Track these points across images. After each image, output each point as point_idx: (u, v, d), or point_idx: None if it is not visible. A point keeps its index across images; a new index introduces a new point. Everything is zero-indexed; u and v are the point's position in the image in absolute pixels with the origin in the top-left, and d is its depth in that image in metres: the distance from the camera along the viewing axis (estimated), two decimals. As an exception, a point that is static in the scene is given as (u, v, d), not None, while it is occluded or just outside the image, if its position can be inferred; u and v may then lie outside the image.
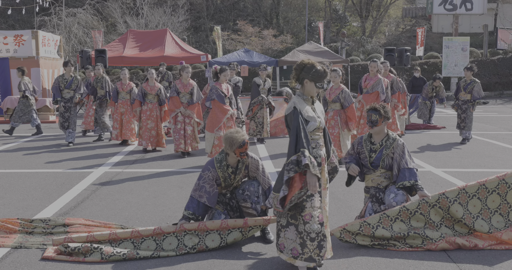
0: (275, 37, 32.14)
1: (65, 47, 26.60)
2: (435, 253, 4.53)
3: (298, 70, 4.08)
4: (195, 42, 35.08)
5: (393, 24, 42.19)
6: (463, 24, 35.85)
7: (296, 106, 3.97)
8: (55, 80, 11.11)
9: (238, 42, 31.80)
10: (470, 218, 4.73)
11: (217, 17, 39.53)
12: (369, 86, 9.86)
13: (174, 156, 9.60)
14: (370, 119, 5.01)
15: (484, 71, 26.06)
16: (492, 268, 4.19)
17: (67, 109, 10.89)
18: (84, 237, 4.55)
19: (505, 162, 8.88)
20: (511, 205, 4.74)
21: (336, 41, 34.55)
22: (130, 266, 4.26)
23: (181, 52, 19.46)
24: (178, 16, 33.08)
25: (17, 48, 18.21)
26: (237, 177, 4.88)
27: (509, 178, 4.73)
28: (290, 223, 4.02)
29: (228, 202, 5.03)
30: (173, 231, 4.62)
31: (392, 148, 5.00)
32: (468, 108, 10.93)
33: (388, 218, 4.77)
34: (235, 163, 4.83)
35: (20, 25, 35.52)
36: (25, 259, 4.40)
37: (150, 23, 32.05)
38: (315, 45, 22.17)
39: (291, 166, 3.85)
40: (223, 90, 8.72)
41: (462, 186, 4.83)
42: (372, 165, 5.08)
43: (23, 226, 5.09)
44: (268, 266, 4.26)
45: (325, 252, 3.95)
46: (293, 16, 40.66)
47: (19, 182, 7.50)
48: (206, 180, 4.73)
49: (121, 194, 6.72)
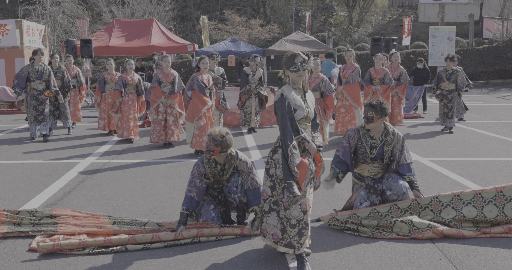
0: (262, 26, 32.02)
1: (50, 37, 26.27)
2: (421, 241, 4.57)
3: (283, 65, 4.16)
4: (182, 32, 34.86)
5: (379, 13, 42.25)
6: (449, 14, 35.99)
7: (283, 93, 4.00)
8: (23, 69, 10.14)
9: (225, 31, 31.64)
10: (461, 219, 4.77)
11: (204, 6, 39.24)
12: (348, 76, 9.96)
13: (160, 147, 9.56)
14: (366, 115, 4.95)
15: (470, 60, 26.24)
16: (477, 254, 4.25)
17: (40, 101, 10.08)
18: (76, 244, 4.38)
19: (490, 151, 8.97)
20: (509, 219, 4.68)
21: (323, 31, 34.50)
22: (118, 258, 4.26)
23: (167, 41, 19.32)
24: (164, 5, 32.79)
25: (1, 38, 18.00)
26: (225, 176, 4.90)
27: (507, 191, 4.69)
28: (272, 209, 4.06)
29: (217, 195, 5.04)
30: (171, 239, 4.53)
31: (393, 144, 5.00)
32: (454, 97, 11.01)
33: (378, 213, 4.82)
34: (223, 161, 4.84)
35: (4, 14, 34.98)
36: (12, 251, 4.38)
37: (136, 13, 31.74)
38: (302, 35, 22.14)
39: (294, 151, 3.87)
40: (204, 81, 8.70)
41: (457, 193, 4.84)
42: (372, 159, 5.09)
43: (10, 217, 5.05)
44: (256, 255, 4.28)
45: (305, 240, 3.97)
46: (280, 6, 40.51)
47: (5, 173, 7.43)
48: (196, 175, 4.79)
49: (108, 185, 6.69)
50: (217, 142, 4.60)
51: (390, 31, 35.65)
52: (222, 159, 4.81)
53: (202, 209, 4.99)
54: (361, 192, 5.11)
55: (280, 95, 4.01)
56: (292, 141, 3.89)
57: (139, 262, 4.16)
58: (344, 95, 9.96)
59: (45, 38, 20.40)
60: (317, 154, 4.13)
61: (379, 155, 5.05)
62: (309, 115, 4.11)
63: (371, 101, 4.97)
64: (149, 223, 4.91)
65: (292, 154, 3.86)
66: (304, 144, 3.96)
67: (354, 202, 5.14)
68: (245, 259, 4.21)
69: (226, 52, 19.53)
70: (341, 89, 10.05)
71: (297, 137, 3.93)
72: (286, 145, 3.89)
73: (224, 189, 5.01)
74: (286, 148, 3.89)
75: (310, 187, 4.12)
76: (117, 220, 4.98)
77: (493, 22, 30.79)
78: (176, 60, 26.26)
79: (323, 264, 4.11)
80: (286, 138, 3.90)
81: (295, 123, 3.95)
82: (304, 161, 3.94)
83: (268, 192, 4.08)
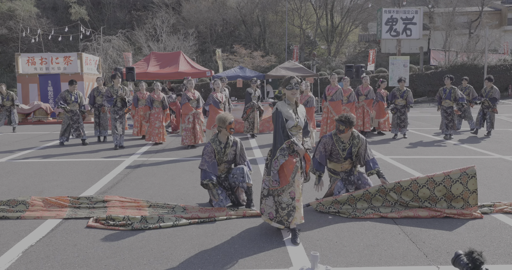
0: (262, 57, 32.05)
1: (102, 66, 26.35)
2: (385, 220, 4.55)
3: (280, 86, 4.14)
4: (202, 61, 34.91)
5: (351, 46, 42.23)
6: (404, 46, 35.94)
7: (278, 108, 4.00)
8: (106, 90, 9.40)
9: (235, 61, 31.67)
10: (418, 201, 4.73)
11: (219, 42, 39.34)
12: (332, 94, 9.97)
13: (186, 148, 9.55)
14: (338, 128, 4.89)
15: (420, 82, 26.18)
16: (427, 230, 4.22)
17: (120, 116, 9.38)
18: (121, 218, 4.41)
19: (436, 151, 8.93)
20: (455, 195, 4.62)
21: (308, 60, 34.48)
22: (154, 232, 4.24)
23: (191, 69, 19.33)
24: (189, 41, 32.92)
25: (66, 66, 18.09)
26: (226, 150, 4.94)
27: (454, 174, 4.63)
28: (269, 194, 4.06)
29: (221, 182, 5.05)
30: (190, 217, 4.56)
31: (359, 145, 4.98)
32: (405, 111, 10.90)
33: (354, 198, 4.80)
34: (225, 139, 4.96)
35: (68, 49, 35.17)
36: (74, 227, 4.37)
37: (167, 47, 31.84)
38: (293, 63, 22.08)
39: (282, 152, 3.87)
40: (218, 98, 8.87)
41: (414, 178, 4.78)
42: (344, 158, 5.06)
43: (72, 202, 5.05)
44: (258, 230, 4.26)
45: (292, 219, 3.95)
46: (276, 41, 40.56)
47: (68, 168, 7.43)
48: (206, 153, 4.89)
49: (146, 177, 6.68)
50: None
51: (359, 60, 35.61)
52: (223, 137, 4.96)
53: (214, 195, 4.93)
54: (338, 183, 5.08)
55: (275, 109, 4.02)
56: (281, 144, 3.90)
57: (169, 235, 4.15)
58: (329, 110, 9.99)
59: (99, 67, 20.45)
60: (306, 154, 4.14)
61: (349, 155, 5.03)
62: (299, 124, 4.09)
63: (340, 117, 4.88)
64: (177, 206, 4.89)
65: (280, 154, 3.88)
66: (293, 146, 3.95)
67: (333, 191, 5.11)
68: (250, 233, 4.19)
69: (235, 76, 19.55)
70: (327, 105, 10.06)
71: (287, 141, 3.92)
72: (276, 147, 3.92)
73: (229, 179, 5.03)
74: (276, 149, 3.91)
75: (301, 180, 4.10)
76: (153, 204, 4.97)
77: (438, 53, 30.76)
78: (197, 83, 26.28)
79: (309, 237, 4.09)
80: (277, 141, 3.92)
81: (286, 131, 3.94)
82: (292, 160, 3.93)
83: (266, 182, 4.07)
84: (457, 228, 4.27)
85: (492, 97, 11.20)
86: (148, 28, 35.41)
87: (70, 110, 10.04)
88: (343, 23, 40.28)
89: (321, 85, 23.49)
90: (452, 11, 34.48)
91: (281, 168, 3.94)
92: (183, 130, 9.55)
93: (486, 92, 11.38)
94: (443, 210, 4.59)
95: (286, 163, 3.91)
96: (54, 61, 18.03)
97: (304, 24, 40.83)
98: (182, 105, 9.52)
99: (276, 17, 41.43)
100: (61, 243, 3.97)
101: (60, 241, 4.02)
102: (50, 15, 40.23)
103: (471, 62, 26.74)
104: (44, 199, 5.06)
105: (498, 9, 42.04)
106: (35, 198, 5.08)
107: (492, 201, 5.14)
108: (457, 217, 4.54)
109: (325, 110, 10.20)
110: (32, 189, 5.95)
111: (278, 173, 3.93)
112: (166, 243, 3.95)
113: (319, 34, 41.44)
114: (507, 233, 4.14)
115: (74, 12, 38.43)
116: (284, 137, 3.92)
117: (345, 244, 3.90)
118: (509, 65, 26.71)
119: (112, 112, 9.41)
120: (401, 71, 23.88)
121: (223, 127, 4.90)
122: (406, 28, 26.24)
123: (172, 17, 36.40)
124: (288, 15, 36.57)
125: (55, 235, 4.16)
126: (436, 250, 3.76)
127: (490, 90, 11.28)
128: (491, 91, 11.25)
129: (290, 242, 3.94)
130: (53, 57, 18.16)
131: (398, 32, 26.25)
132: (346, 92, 10.36)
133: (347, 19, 39.97)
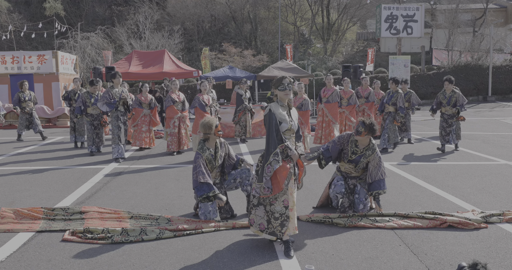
0: (254, 56, 32.14)
1: (80, 65, 26.21)
2: (384, 231, 4.58)
3: (272, 86, 4.16)
4: (188, 60, 34.91)
5: (349, 45, 42.57)
6: (405, 45, 36.34)
7: (271, 109, 4.02)
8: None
9: (224, 60, 31.72)
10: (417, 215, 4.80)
11: (206, 39, 39.39)
12: (328, 96, 9.99)
13: (171, 154, 9.53)
14: (357, 129, 4.94)
15: (422, 83, 26.45)
16: (430, 241, 4.26)
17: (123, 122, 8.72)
18: (100, 230, 4.39)
19: (439, 156, 9.01)
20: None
21: (303, 59, 34.67)
22: (136, 246, 4.22)
23: (176, 68, 19.33)
24: (174, 39, 32.92)
25: (40, 66, 17.95)
26: (217, 156, 4.93)
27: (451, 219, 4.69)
28: (260, 203, 4.07)
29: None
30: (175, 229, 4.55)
31: (369, 159, 5.00)
32: (407, 114, 10.92)
33: (347, 216, 4.88)
34: (213, 145, 4.96)
35: (43, 46, 34.95)
36: (48, 241, 4.34)
37: (151, 45, 31.80)
38: (286, 63, 22.19)
39: (275, 157, 3.89)
40: (204, 100, 8.86)
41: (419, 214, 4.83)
42: (349, 161, 5.10)
43: (46, 214, 5.01)
44: (249, 242, 4.26)
45: (286, 230, 3.97)
46: (268, 39, 40.74)
47: (42, 177, 7.37)
48: (199, 164, 4.81)
49: (128, 186, 6.65)
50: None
51: (357, 59, 35.89)
52: (211, 143, 4.95)
53: (201, 204, 4.84)
54: (337, 176, 5.20)
55: (268, 110, 4.03)
56: (275, 148, 3.91)
57: (153, 249, 4.13)
58: (325, 112, 10.00)
59: (76, 66, 20.34)
60: (299, 160, 4.15)
61: (355, 161, 5.06)
62: (293, 127, 4.12)
63: (365, 120, 4.93)
64: (161, 218, 4.87)
65: (274, 159, 3.88)
66: (287, 151, 3.98)
67: (331, 182, 5.20)
68: (240, 246, 4.19)
69: (224, 77, 19.56)
70: (322, 107, 10.06)
71: (281, 145, 3.94)
72: (269, 151, 3.92)
73: (227, 184, 5.06)
74: (269, 154, 3.91)
75: (294, 187, 4.12)
76: (135, 215, 4.95)
77: (441, 52, 31.12)
78: (184, 84, 26.26)
79: (304, 250, 4.10)
80: (271, 146, 3.92)
81: (280, 134, 3.96)
82: (285, 165, 3.95)
83: (257, 189, 4.07)
84: (461, 238, 4.32)
85: (455, 104, 9.24)
86: (130, 25, 35.33)
87: (90, 114, 9.50)
88: (340, 20, 40.61)
89: (316, 87, 23.62)
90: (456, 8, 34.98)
91: (274, 175, 3.95)
92: (169, 135, 9.53)
93: (447, 98, 9.32)
94: (445, 219, 4.64)
95: (280, 169, 3.92)
96: (27, 60, 17.89)
97: (299, 21, 41.09)
98: (166, 108, 9.48)
99: (269, 13, 41.62)
100: (34, 259, 3.93)
101: (33, 256, 3.99)
102: (23, 10, 39.97)
103: (475, 62, 27.08)
104: (15, 211, 5.01)
105: (503, 6, 42.74)
106: (5, 210, 5.04)
107: (501, 209, 5.20)
108: (460, 227, 4.59)
109: (320, 113, 10.23)
110: (1, 200, 5.89)
111: (270, 179, 3.94)
112: (149, 258, 3.94)
113: (315, 31, 41.70)
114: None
115: (49, 7, 38.23)
116: (277, 141, 3.93)
117: (342, 257, 3.92)
118: (516, 66, 27.10)
119: (114, 119, 8.54)
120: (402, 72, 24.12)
121: (210, 133, 4.86)
122: (406, 26, 26.54)
123: (156, 12, 36.38)
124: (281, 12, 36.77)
125: (27, 250, 4.12)
126: (439, 262, 3.80)
127: (453, 95, 9.25)
128: (453, 96, 9.23)
129: (283, 255, 3.95)
130: (26, 55, 18.02)
131: (398, 30, 26.55)
132: (346, 94, 10.36)
133: (344, 16, 40.31)
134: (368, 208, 5.10)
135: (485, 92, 26.34)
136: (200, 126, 4.92)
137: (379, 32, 26.86)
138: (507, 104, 24.11)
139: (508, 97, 26.73)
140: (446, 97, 9.33)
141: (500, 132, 12.91)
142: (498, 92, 26.64)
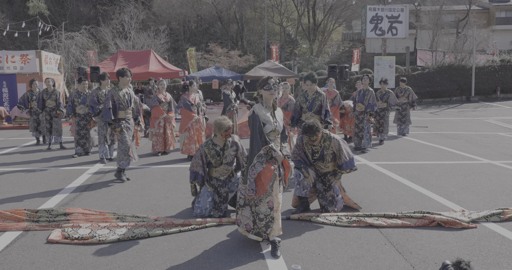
0: (240, 56, 32.14)
1: (64, 65, 25.89)
2: (370, 230, 4.61)
3: (257, 86, 4.17)
4: (174, 61, 34.77)
5: (335, 46, 42.84)
6: (390, 46, 36.72)
7: (255, 111, 4.02)
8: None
9: (210, 60, 31.67)
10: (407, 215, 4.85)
11: (192, 40, 39.27)
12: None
13: (157, 154, 9.47)
14: (310, 139, 4.95)
15: (407, 83, 26.73)
16: (415, 239, 4.31)
17: None
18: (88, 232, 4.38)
19: (424, 156, 9.13)
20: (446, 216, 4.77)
21: (289, 60, 34.79)
22: (121, 246, 4.18)
23: (162, 68, 19.24)
24: (160, 39, 32.75)
25: (23, 66, 17.68)
26: (225, 153, 5.00)
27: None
28: (246, 204, 4.08)
29: (217, 187, 5.05)
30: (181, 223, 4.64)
31: (331, 148, 5.06)
32: (385, 115, 11.05)
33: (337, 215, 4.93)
34: (222, 142, 5.05)
35: (26, 46, 34.45)
36: (32, 243, 4.27)
37: (136, 45, 31.57)
38: (273, 63, 22.28)
39: (259, 159, 3.89)
40: (190, 100, 8.83)
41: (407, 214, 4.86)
42: (313, 161, 5.17)
43: (29, 216, 4.93)
44: (236, 243, 4.25)
45: (271, 231, 3.98)
46: (254, 39, 40.78)
47: (25, 178, 7.26)
48: (197, 156, 5.00)
49: (113, 187, 6.59)
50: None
51: (343, 60, 36.15)
52: (219, 141, 5.03)
53: (201, 198, 5.01)
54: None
55: (252, 112, 4.03)
56: (259, 150, 3.91)
57: (138, 250, 4.10)
58: None
59: (61, 66, 20.08)
60: (285, 160, 4.16)
61: (321, 157, 5.12)
62: (277, 128, 4.12)
63: (304, 129, 4.89)
64: (147, 218, 4.84)
65: (257, 161, 3.89)
66: (272, 153, 3.98)
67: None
68: (227, 246, 4.18)
69: (210, 77, 19.56)
70: None
71: (265, 147, 3.94)
72: (253, 153, 3.92)
73: (231, 186, 5.09)
74: (253, 156, 3.92)
75: (279, 188, 4.13)
76: (120, 216, 4.91)
77: (425, 53, 31.51)
78: (170, 84, 26.13)
79: (291, 249, 4.11)
80: (254, 147, 3.93)
81: (263, 135, 3.96)
82: (270, 167, 3.96)
83: (242, 191, 4.08)
84: (445, 237, 4.38)
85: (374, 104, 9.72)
86: (115, 24, 35.03)
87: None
88: (326, 21, 40.85)
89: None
90: (439, 10, 35.45)
91: (258, 176, 3.95)
92: (154, 135, 9.47)
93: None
94: (433, 217, 4.69)
95: (264, 170, 3.93)
96: (10, 59, 17.60)
97: (285, 22, 41.22)
98: (152, 108, 9.44)
99: (255, 13, 41.68)
100: (17, 262, 3.87)
101: (16, 259, 3.92)
102: (5, 9, 39.34)
103: (459, 63, 27.49)
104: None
105: (486, 8, 43.47)
106: (-12, 212, 4.94)
107: (500, 207, 5.21)
108: (448, 226, 4.64)
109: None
110: (-16, 202, 5.78)
111: (255, 181, 3.95)
112: (135, 259, 3.90)
113: (301, 32, 41.88)
114: (497, 241, 4.26)
115: (32, 6, 37.69)
116: (261, 143, 3.94)
117: (329, 256, 3.94)
118: (498, 66, 27.58)
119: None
120: (387, 72, 24.36)
121: (217, 133, 4.98)
122: (391, 27, 26.82)
123: (141, 12, 36.14)
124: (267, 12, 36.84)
125: (10, 253, 4.05)
126: (424, 260, 3.84)
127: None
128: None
129: (269, 255, 3.96)
130: (9, 55, 17.73)
131: (383, 31, 26.81)
132: (331, 94, 10.31)
133: (330, 17, 40.55)
134: (342, 201, 5.17)
135: (469, 92, 26.75)
136: (213, 122, 5.05)
137: (364, 33, 27.07)
138: (489, 104, 24.51)
139: (491, 97, 27.18)
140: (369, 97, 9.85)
141: (483, 132, 13.12)
142: (481, 93, 27.08)
